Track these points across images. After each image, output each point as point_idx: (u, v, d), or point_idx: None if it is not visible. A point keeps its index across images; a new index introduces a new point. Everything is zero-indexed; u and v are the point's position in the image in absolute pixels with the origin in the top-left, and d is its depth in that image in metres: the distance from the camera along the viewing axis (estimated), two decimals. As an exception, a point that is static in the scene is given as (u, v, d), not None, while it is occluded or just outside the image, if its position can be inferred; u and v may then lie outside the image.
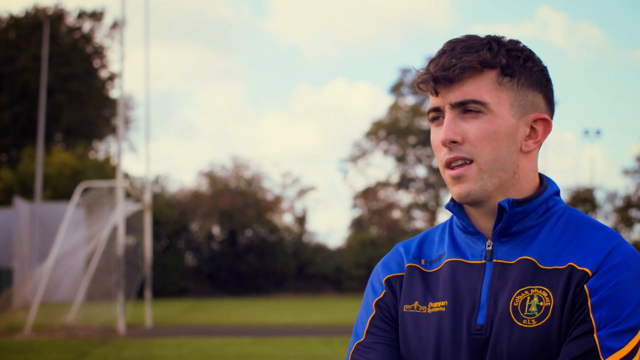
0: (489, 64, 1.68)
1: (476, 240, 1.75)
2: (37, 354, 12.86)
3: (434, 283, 1.76)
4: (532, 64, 1.72)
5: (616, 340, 1.57)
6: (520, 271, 1.67)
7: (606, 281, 1.60)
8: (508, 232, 1.71)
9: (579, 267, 1.63)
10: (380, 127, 50.24)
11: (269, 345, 14.49)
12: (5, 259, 29.38)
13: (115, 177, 23.22)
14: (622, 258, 1.63)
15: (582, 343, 1.58)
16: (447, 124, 1.68)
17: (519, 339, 1.62)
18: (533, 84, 1.72)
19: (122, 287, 17.84)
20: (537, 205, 1.72)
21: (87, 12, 44.51)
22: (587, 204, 49.32)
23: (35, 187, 32.40)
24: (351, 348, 1.79)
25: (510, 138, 1.69)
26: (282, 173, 50.22)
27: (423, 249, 1.83)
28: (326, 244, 49.38)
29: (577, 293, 1.61)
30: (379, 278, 1.84)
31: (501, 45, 1.70)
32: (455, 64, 1.67)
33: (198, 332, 17.63)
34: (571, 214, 1.74)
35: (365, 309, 1.82)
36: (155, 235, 41.32)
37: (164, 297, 39.34)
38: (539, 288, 1.65)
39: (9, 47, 42.33)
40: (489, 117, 1.67)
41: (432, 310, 1.73)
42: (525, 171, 1.72)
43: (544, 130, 1.74)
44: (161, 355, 12.74)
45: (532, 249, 1.69)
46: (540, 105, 1.74)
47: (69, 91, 42.69)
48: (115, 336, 16.50)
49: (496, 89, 1.68)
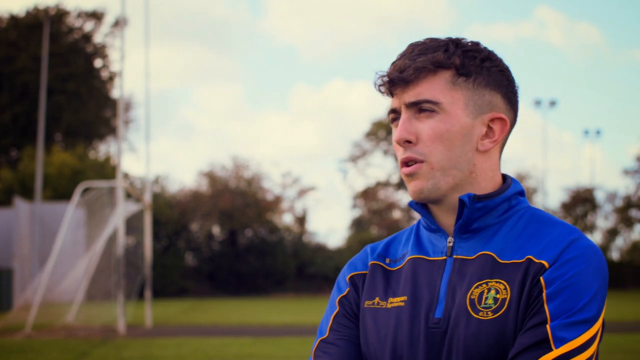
0: (443, 65, 1.70)
1: (439, 238, 1.77)
2: (37, 354, 12.86)
3: (395, 280, 1.79)
4: (490, 64, 1.73)
5: (569, 331, 1.58)
6: (479, 266, 1.69)
7: (562, 273, 1.62)
8: (469, 228, 1.73)
9: (537, 260, 1.65)
10: (380, 127, 50.26)
11: (269, 345, 14.49)
12: (5, 259, 29.36)
13: (115, 177, 23.22)
14: (580, 251, 1.64)
15: (535, 333, 1.59)
16: (401, 123, 1.72)
17: (475, 331, 1.64)
18: (491, 83, 1.73)
19: (122, 287, 17.84)
20: (499, 202, 1.73)
21: (87, 12, 44.51)
22: (587, 204, 49.31)
23: (35, 187, 32.40)
24: (314, 345, 1.82)
25: (464, 137, 1.71)
26: (282, 173, 50.28)
27: (390, 249, 1.86)
28: (326, 244, 49.43)
29: (534, 285, 1.63)
30: (344, 276, 1.87)
31: (458, 47, 1.72)
32: (409, 65, 1.70)
33: (198, 332, 17.63)
34: (533, 213, 1.75)
35: (330, 307, 1.85)
36: (155, 235, 41.33)
37: (164, 297, 39.34)
38: (497, 281, 1.66)
39: (9, 47, 42.31)
40: (442, 116, 1.70)
41: (392, 305, 1.75)
42: (482, 170, 1.74)
43: (501, 130, 1.75)
44: (161, 355, 12.74)
45: (492, 245, 1.71)
46: (498, 105, 1.75)
47: (69, 91, 42.68)
48: (115, 336, 16.50)
49: (450, 88, 1.70)
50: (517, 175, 50.11)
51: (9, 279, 27.82)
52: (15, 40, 42.49)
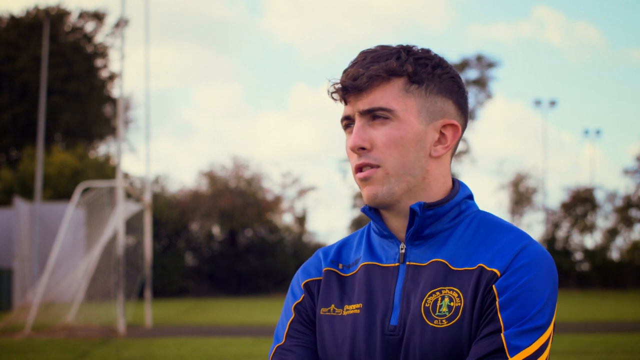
0: (396, 72, 1.71)
1: (390, 244, 1.78)
2: (37, 354, 12.86)
3: (350, 286, 1.80)
4: (441, 71, 1.75)
5: (523, 339, 1.59)
6: (432, 273, 1.70)
7: (514, 281, 1.63)
8: (420, 235, 1.74)
9: (489, 267, 1.66)
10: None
11: (269, 345, 14.47)
12: (5, 259, 29.35)
13: (115, 177, 23.22)
14: (530, 258, 1.66)
15: (489, 342, 1.60)
16: (355, 131, 1.73)
17: (430, 339, 1.65)
18: (442, 90, 1.75)
19: (122, 287, 17.83)
20: (449, 208, 1.75)
21: (89, 13, 44.49)
22: (587, 204, 49.29)
23: (35, 187, 32.38)
24: (271, 351, 1.82)
25: (418, 143, 1.72)
26: (282, 173, 50.27)
27: (342, 254, 1.86)
28: (326, 244, 49.38)
29: (486, 293, 1.64)
30: (298, 282, 1.88)
31: (410, 54, 1.74)
32: (363, 73, 1.71)
33: (198, 332, 17.63)
34: (483, 218, 1.76)
35: (285, 313, 1.86)
36: (155, 235, 41.33)
37: (164, 297, 39.34)
38: (450, 289, 1.67)
39: (9, 47, 42.30)
40: (396, 123, 1.71)
41: (348, 312, 1.76)
42: (435, 176, 1.75)
43: (453, 136, 1.77)
44: (161, 355, 12.74)
45: (444, 252, 1.72)
46: (450, 111, 1.76)
47: (69, 91, 42.67)
48: (115, 336, 16.50)
49: (403, 96, 1.72)
50: (517, 175, 50.14)
51: (9, 279, 27.81)
52: (15, 40, 42.47)
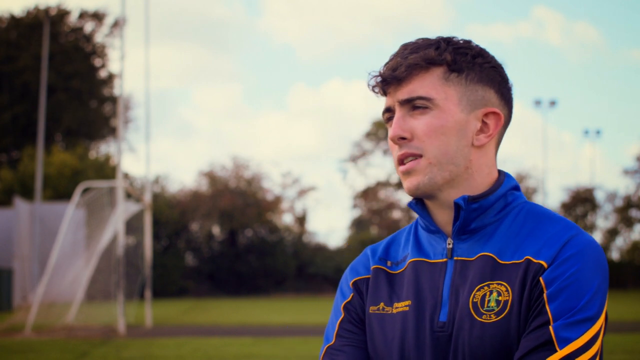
0: (434, 61, 1.71)
1: (437, 239, 1.77)
2: (37, 354, 12.85)
3: (398, 284, 1.79)
4: (482, 60, 1.74)
5: (572, 331, 1.58)
6: (479, 267, 1.69)
7: (561, 272, 1.62)
8: (467, 229, 1.73)
9: (535, 260, 1.65)
10: (380, 127, 50.29)
11: (269, 345, 14.49)
12: (5, 259, 29.34)
13: (115, 177, 23.21)
14: (578, 249, 1.64)
15: (538, 335, 1.59)
16: (395, 121, 1.72)
17: (479, 335, 1.64)
18: (483, 79, 1.74)
19: (122, 287, 17.83)
20: (494, 200, 1.73)
21: (88, 12, 44.48)
22: (587, 204, 49.30)
23: (35, 187, 32.38)
24: (322, 352, 1.81)
25: (459, 132, 1.71)
26: (282, 173, 50.28)
27: (390, 251, 1.86)
28: (326, 244, 49.43)
29: (534, 286, 1.63)
30: (347, 281, 1.87)
31: (449, 44, 1.74)
32: (402, 64, 1.71)
33: (198, 332, 17.63)
34: (530, 209, 1.75)
35: (335, 313, 1.85)
36: (156, 235, 41.33)
37: (164, 297, 39.34)
38: (498, 283, 1.66)
39: (9, 46, 42.30)
40: (436, 112, 1.70)
41: (397, 310, 1.75)
42: (478, 165, 1.74)
43: (495, 124, 1.75)
44: (161, 355, 12.73)
45: (491, 245, 1.70)
46: (492, 100, 1.75)
47: (69, 91, 42.67)
48: (115, 336, 16.50)
49: (443, 85, 1.71)
50: (517, 176, 50.08)
51: (9, 279, 27.80)
52: (16, 40, 42.47)
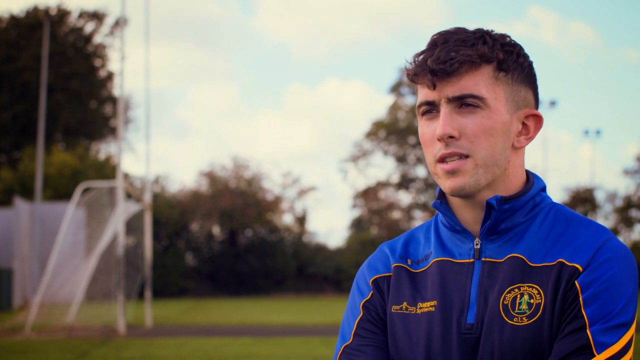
0: (487, 58, 1.65)
1: (463, 239, 1.72)
2: (37, 354, 12.85)
3: (422, 283, 1.74)
4: (523, 59, 1.70)
5: (609, 336, 1.56)
6: (509, 269, 1.66)
7: (597, 276, 1.59)
8: (496, 229, 1.69)
9: (569, 263, 1.62)
10: (380, 127, 50.25)
11: (269, 345, 14.49)
12: (5, 259, 29.33)
13: (115, 177, 23.21)
14: (613, 253, 1.62)
15: (574, 339, 1.56)
16: (443, 118, 1.64)
17: (510, 338, 1.60)
18: (525, 79, 1.70)
19: (122, 287, 17.84)
20: (525, 201, 1.70)
21: (87, 12, 44.48)
22: (587, 204, 49.28)
23: (35, 187, 32.38)
24: (338, 350, 1.76)
25: (505, 134, 1.67)
26: (282, 173, 50.28)
27: (409, 249, 1.80)
28: (326, 244, 49.41)
29: (568, 289, 1.60)
30: (365, 279, 1.82)
31: (494, 40, 1.68)
32: (454, 57, 1.63)
33: (198, 332, 17.63)
34: (559, 210, 1.72)
35: (352, 311, 1.79)
36: (156, 235, 41.33)
37: (164, 297, 39.34)
38: (529, 286, 1.63)
39: (9, 46, 42.30)
40: (486, 112, 1.65)
41: (422, 310, 1.70)
42: (514, 167, 1.71)
43: (535, 126, 1.73)
44: (161, 355, 12.74)
45: (521, 247, 1.67)
46: (531, 101, 1.73)
47: (69, 91, 42.67)
48: (115, 336, 16.50)
49: (493, 84, 1.66)
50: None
51: (9, 279, 27.80)
52: (16, 40, 42.46)
